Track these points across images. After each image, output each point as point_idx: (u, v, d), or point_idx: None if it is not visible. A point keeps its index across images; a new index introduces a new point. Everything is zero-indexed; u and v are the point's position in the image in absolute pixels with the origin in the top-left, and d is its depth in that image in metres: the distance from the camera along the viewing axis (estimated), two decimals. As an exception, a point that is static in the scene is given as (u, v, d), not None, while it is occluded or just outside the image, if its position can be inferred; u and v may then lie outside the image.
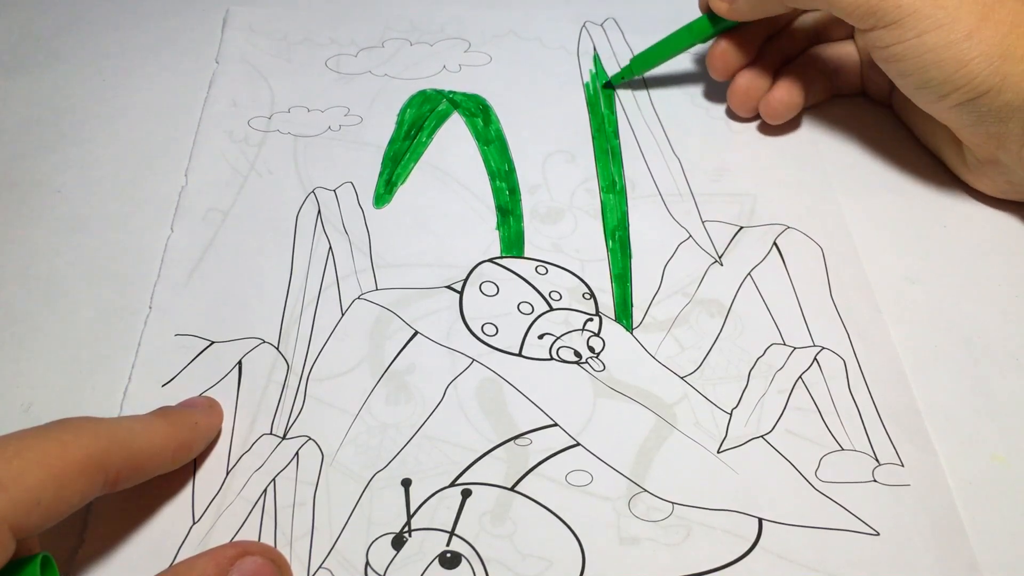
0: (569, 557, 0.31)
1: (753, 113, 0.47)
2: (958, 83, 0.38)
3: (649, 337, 0.38)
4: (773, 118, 0.46)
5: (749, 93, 0.46)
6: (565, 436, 0.34)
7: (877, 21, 0.39)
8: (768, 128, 0.47)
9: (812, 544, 0.32)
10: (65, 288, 0.38)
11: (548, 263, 0.40)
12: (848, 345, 0.38)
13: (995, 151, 0.40)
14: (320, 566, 0.30)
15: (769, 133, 0.47)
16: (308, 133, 0.46)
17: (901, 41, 0.38)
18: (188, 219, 0.41)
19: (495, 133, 0.46)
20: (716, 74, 0.47)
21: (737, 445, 0.34)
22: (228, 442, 0.34)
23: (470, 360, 0.37)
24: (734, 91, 0.46)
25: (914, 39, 0.38)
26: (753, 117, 0.47)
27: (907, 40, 0.38)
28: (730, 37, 0.46)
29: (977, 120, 0.39)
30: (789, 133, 0.47)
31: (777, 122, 0.46)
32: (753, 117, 0.47)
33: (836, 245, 0.42)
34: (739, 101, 0.46)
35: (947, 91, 0.39)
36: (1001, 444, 0.35)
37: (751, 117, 0.47)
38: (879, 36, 0.39)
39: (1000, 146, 0.40)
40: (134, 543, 0.31)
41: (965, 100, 0.38)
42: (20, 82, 0.48)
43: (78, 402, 0.35)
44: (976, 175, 0.43)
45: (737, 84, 0.46)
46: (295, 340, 0.37)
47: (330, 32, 0.52)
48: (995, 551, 0.32)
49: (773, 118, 0.46)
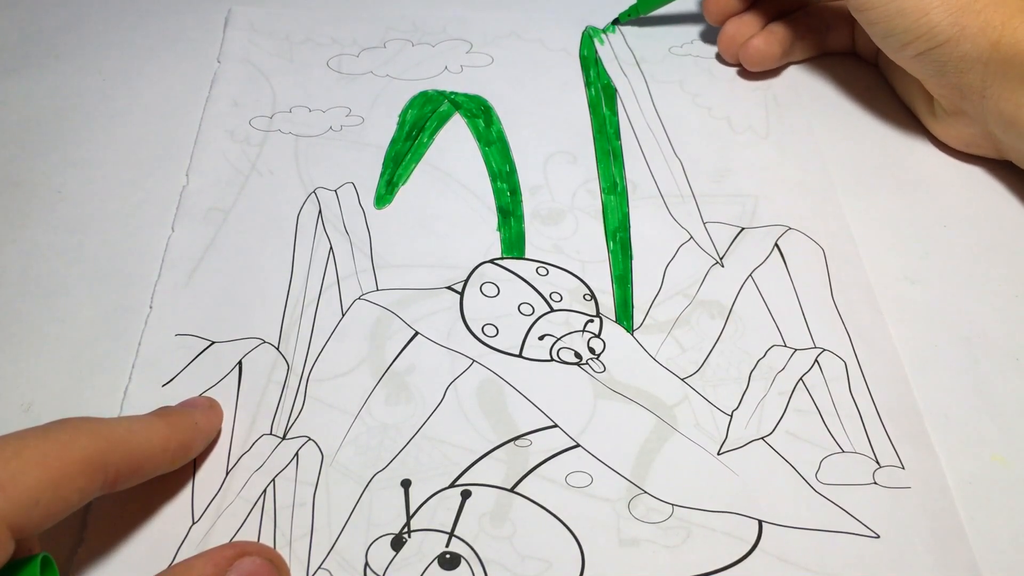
0: (569, 558, 0.31)
1: (736, 60, 0.49)
2: (919, 31, 0.41)
3: (650, 338, 0.38)
4: (750, 64, 0.49)
5: (735, 39, 0.49)
6: (565, 437, 0.34)
7: None
8: (768, 129, 0.47)
9: (812, 546, 0.32)
10: (65, 288, 0.38)
11: (549, 264, 0.40)
12: (849, 347, 0.38)
13: (959, 102, 0.43)
14: (319, 567, 0.30)
15: (769, 134, 0.47)
16: (309, 133, 0.46)
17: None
18: (189, 219, 0.41)
19: (496, 134, 0.46)
20: (711, 18, 0.50)
21: (737, 447, 0.34)
22: (228, 442, 0.34)
23: (470, 361, 0.37)
24: (722, 36, 0.49)
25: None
26: (735, 63, 0.50)
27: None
28: None
29: (939, 70, 0.42)
30: (791, 133, 0.47)
31: (754, 69, 0.49)
32: (735, 63, 0.50)
33: (837, 246, 0.41)
34: (724, 46, 0.49)
35: (909, 39, 0.41)
36: (1001, 444, 0.35)
37: (735, 63, 0.50)
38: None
39: (963, 97, 0.42)
40: (133, 543, 0.31)
41: (925, 49, 0.41)
42: (20, 82, 0.48)
43: (78, 402, 0.35)
44: (943, 126, 0.45)
45: (725, 30, 0.49)
46: (295, 340, 0.37)
47: (332, 32, 0.52)
48: (995, 552, 0.32)
49: (750, 64, 0.49)
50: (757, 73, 0.50)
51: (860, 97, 0.49)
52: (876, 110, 0.49)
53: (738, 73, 0.50)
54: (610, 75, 0.48)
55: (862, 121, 0.48)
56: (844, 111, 0.49)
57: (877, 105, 0.49)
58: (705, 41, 0.52)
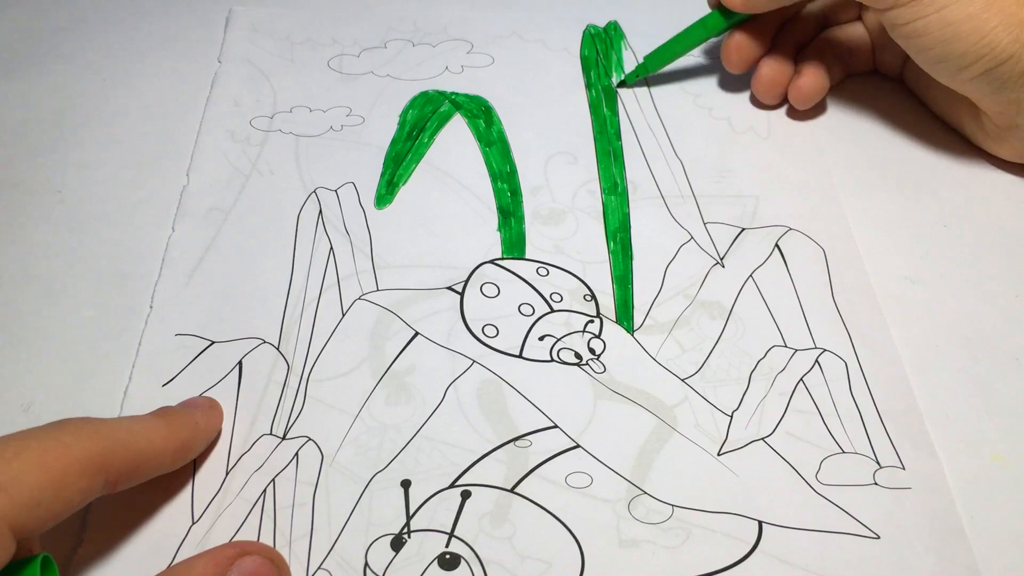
0: (568, 559, 0.31)
1: (778, 100, 0.48)
2: (980, 53, 0.39)
3: (650, 339, 0.38)
4: (803, 103, 0.47)
5: (775, 80, 0.47)
6: (565, 438, 0.34)
7: (896, 0, 0.39)
8: (769, 129, 0.47)
9: (812, 547, 0.32)
10: (65, 288, 0.38)
11: (549, 264, 0.40)
12: (850, 347, 0.38)
13: (1015, 116, 0.41)
14: (319, 567, 0.30)
15: (770, 134, 0.47)
16: (310, 133, 0.46)
17: (922, 16, 0.39)
18: (189, 219, 0.41)
19: (497, 135, 0.46)
20: (732, 67, 0.47)
21: (737, 447, 0.34)
22: (228, 442, 0.34)
23: (470, 361, 0.37)
24: (759, 80, 0.47)
25: (934, 14, 0.39)
26: (776, 104, 0.48)
27: (927, 15, 0.39)
28: (744, 29, 0.46)
29: (998, 88, 0.40)
30: (792, 134, 0.47)
31: (806, 107, 0.47)
32: (776, 104, 0.48)
33: (838, 246, 0.41)
34: (764, 89, 0.47)
35: (968, 62, 0.40)
36: (1001, 444, 0.35)
37: (776, 104, 0.48)
38: (899, 14, 0.40)
39: (1020, 111, 0.41)
40: (133, 543, 0.31)
41: (986, 70, 0.39)
42: (20, 82, 0.48)
43: (78, 402, 0.35)
44: (997, 142, 0.44)
45: (762, 73, 0.47)
46: (296, 340, 0.37)
47: (333, 32, 0.52)
48: (995, 552, 0.32)
49: (803, 103, 0.47)
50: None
51: (860, 97, 0.49)
52: (876, 110, 0.49)
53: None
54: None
55: (862, 121, 0.48)
56: (844, 111, 0.49)
57: (877, 105, 0.49)
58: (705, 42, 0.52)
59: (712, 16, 0.47)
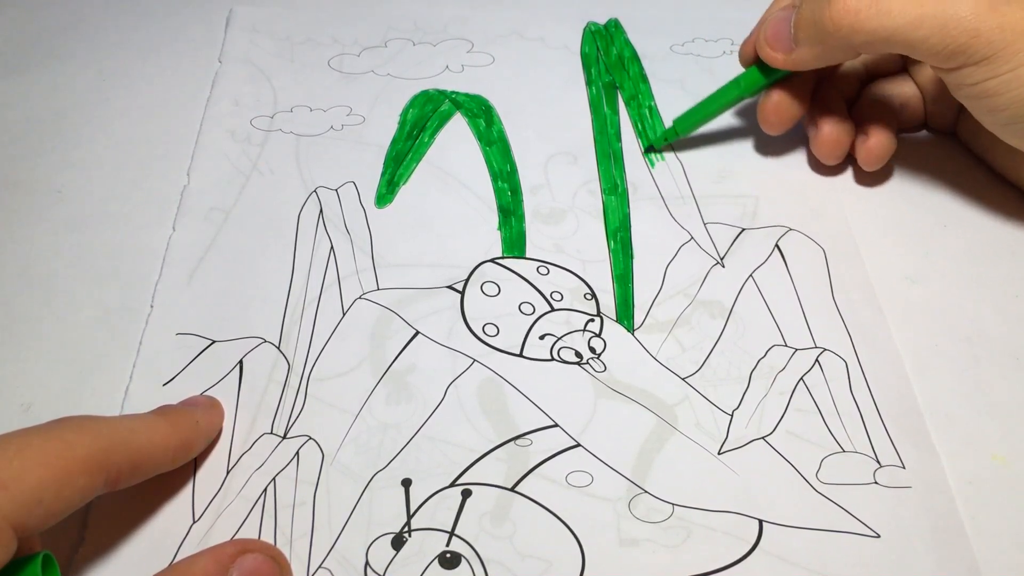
0: (569, 558, 0.31)
1: (841, 160, 0.45)
2: None
3: (650, 338, 0.38)
4: (874, 165, 0.44)
5: (840, 142, 0.44)
6: (566, 437, 0.34)
7: (967, 59, 0.36)
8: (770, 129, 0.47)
9: (812, 546, 0.32)
10: (65, 288, 0.38)
11: (549, 263, 0.40)
12: (850, 346, 0.38)
13: None
14: (320, 566, 0.30)
15: (770, 135, 0.47)
16: (310, 132, 0.46)
17: (994, 76, 0.36)
18: (190, 218, 0.41)
19: (497, 134, 0.46)
20: (771, 129, 0.44)
21: (738, 446, 0.34)
22: (228, 441, 0.34)
23: (471, 360, 0.37)
24: (822, 143, 0.44)
25: (1008, 73, 0.36)
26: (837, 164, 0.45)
27: (1001, 75, 0.36)
28: (782, 88, 0.43)
29: None
30: (792, 134, 0.47)
31: (876, 168, 0.44)
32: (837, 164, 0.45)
33: (838, 246, 0.41)
34: (828, 151, 0.44)
35: None
36: (1001, 444, 0.35)
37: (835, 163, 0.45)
38: (968, 74, 0.37)
39: None
40: (134, 542, 0.31)
41: None
42: (20, 82, 0.48)
43: (78, 402, 0.35)
44: None
45: (824, 136, 0.43)
46: (296, 340, 0.37)
47: (333, 32, 0.52)
48: (995, 552, 0.32)
49: (874, 165, 0.44)
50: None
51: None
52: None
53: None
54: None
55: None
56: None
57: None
58: (706, 40, 0.52)
59: (748, 74, 0.43)
